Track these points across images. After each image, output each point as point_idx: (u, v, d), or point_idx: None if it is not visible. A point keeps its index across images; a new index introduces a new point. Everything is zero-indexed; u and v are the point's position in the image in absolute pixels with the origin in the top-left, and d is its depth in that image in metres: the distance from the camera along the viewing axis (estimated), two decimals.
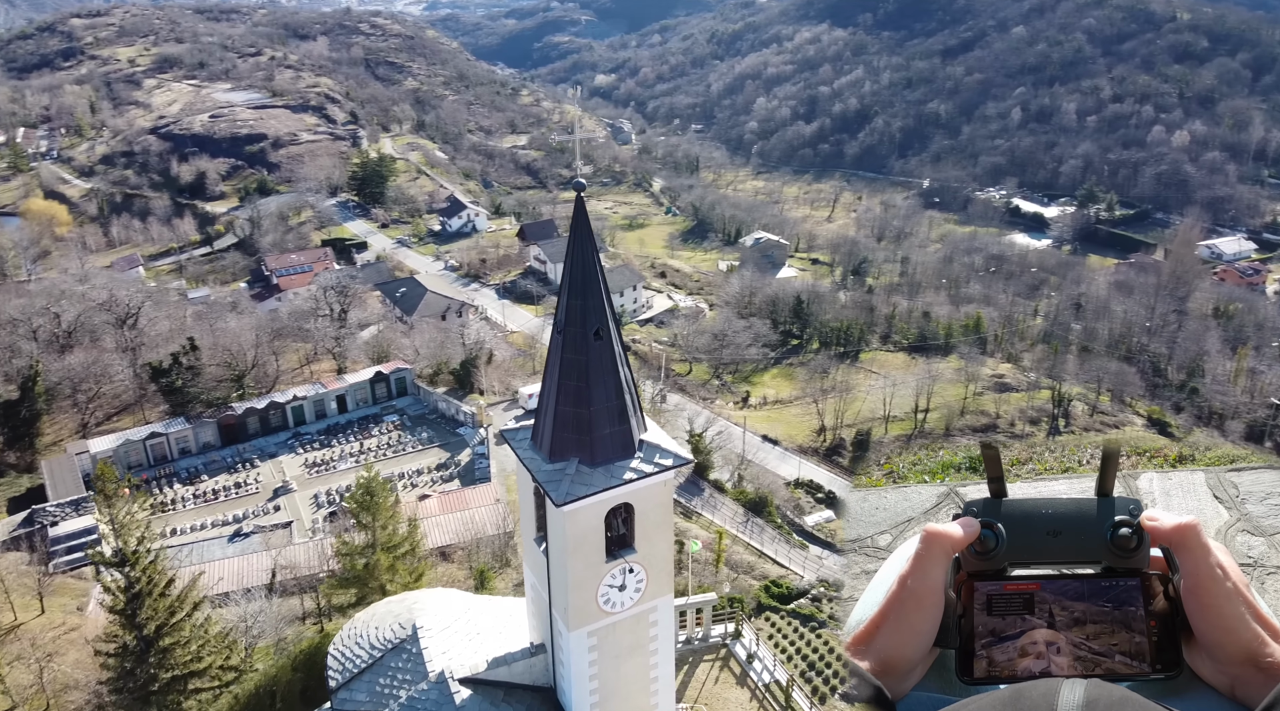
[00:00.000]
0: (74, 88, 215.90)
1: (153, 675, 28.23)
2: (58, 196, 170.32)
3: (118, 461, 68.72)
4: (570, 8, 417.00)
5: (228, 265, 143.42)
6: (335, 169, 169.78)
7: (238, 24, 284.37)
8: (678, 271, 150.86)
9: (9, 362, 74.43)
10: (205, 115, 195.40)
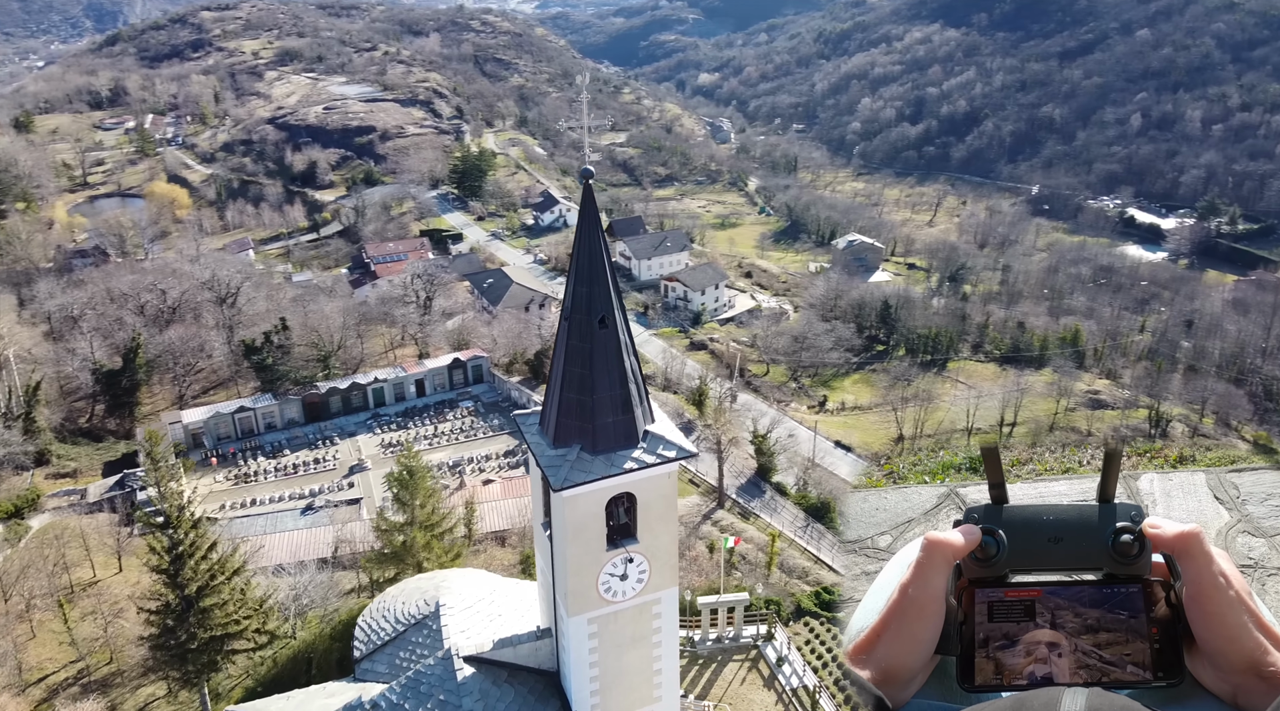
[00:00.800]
0: (200, 77, 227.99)
1: (192, 634, 29.92)
2: (180, 181, 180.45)
3: (207, 433, 72.66)
4: (678, 6, 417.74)
5: (332, 251, 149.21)
6: (438, 162, 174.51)
7: (357, 20, 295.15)
8: (765, 272, 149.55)
9: (114, 334, 79.22)
10: (320, 107, 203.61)
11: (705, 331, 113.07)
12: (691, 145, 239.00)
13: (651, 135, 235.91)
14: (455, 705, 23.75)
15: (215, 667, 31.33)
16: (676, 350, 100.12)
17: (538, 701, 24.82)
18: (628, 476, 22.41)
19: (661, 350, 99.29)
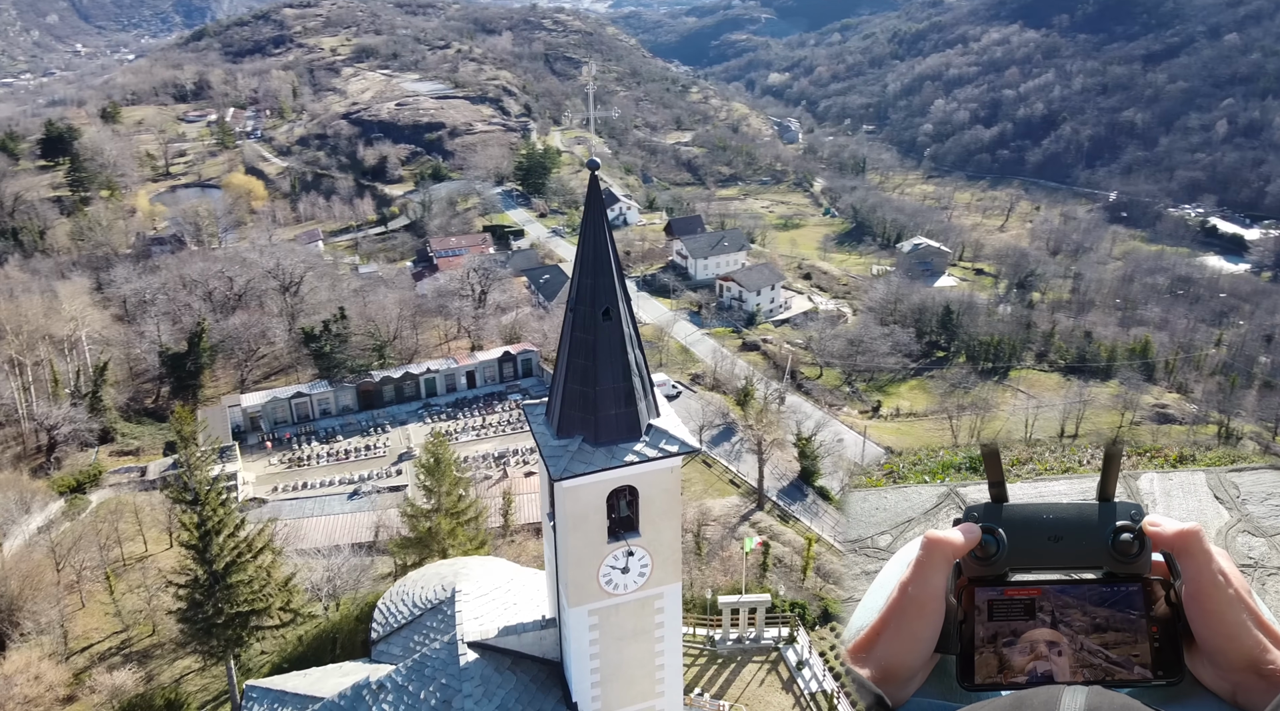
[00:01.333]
0: (280, 73, 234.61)
1: (219, 609, 30.93)
2: (257, 173, 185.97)
3: (265, 417, 74.78)
4: (751, 6, 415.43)
5: (398, 245, 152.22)
6: (504, 159, 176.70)
7: (432, 18, 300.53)
8: (825, 274, 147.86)
9: (182, 319, 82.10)
10: (392, 103, 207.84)
11: (759, 332, 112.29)
12: (758, 145, 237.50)
13: (717, 134, 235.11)
14: (455, 689, 24.10)
15: (240, 643, 32.37)
16: (728, 350, 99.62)
17: (539, 690, 25.04)
18: (629, 469, 22.47)
19: (712, 350, 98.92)
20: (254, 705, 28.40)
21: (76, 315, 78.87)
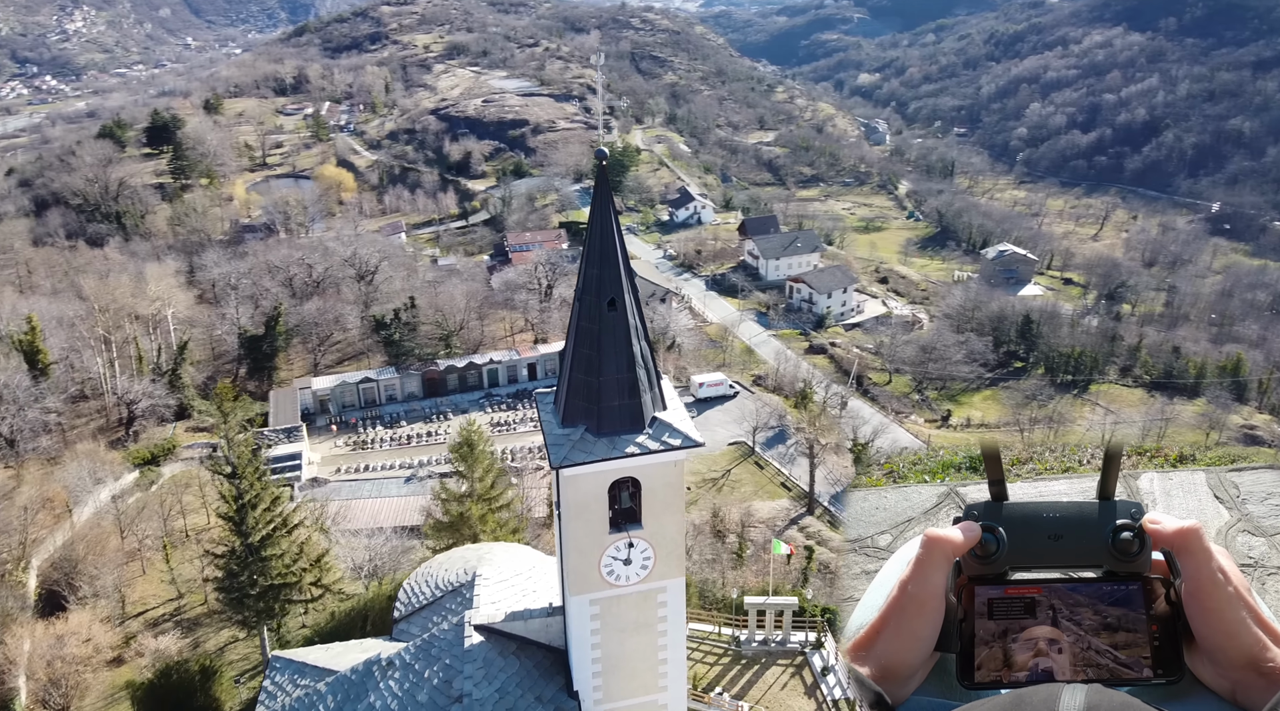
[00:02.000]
0: (374, 69, 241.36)
1: (253, 580, 32.13)
2: (348, 165, 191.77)
3: (333, 400, 77.16)
4: (843, 5, 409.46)
5: (477, 238, 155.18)
6: (583, 156, 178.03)
7: (523, 16, 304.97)
8: (903, 278, 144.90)
9: (262, 303, 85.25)
10: (479, 100, 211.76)
11: (828, 335, 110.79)
12: (842, 146, 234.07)
13: (801, 135, 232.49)
14: (457, 670, 24.51)
15: (272, 614, 33.61)
16: (793, 352, 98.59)
17: (542, 676, 25.26)
18: (630, 461, 22.48)
19: (777, 351, 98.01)
20: (277, 674, 29.43)
21: (162, 296, 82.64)
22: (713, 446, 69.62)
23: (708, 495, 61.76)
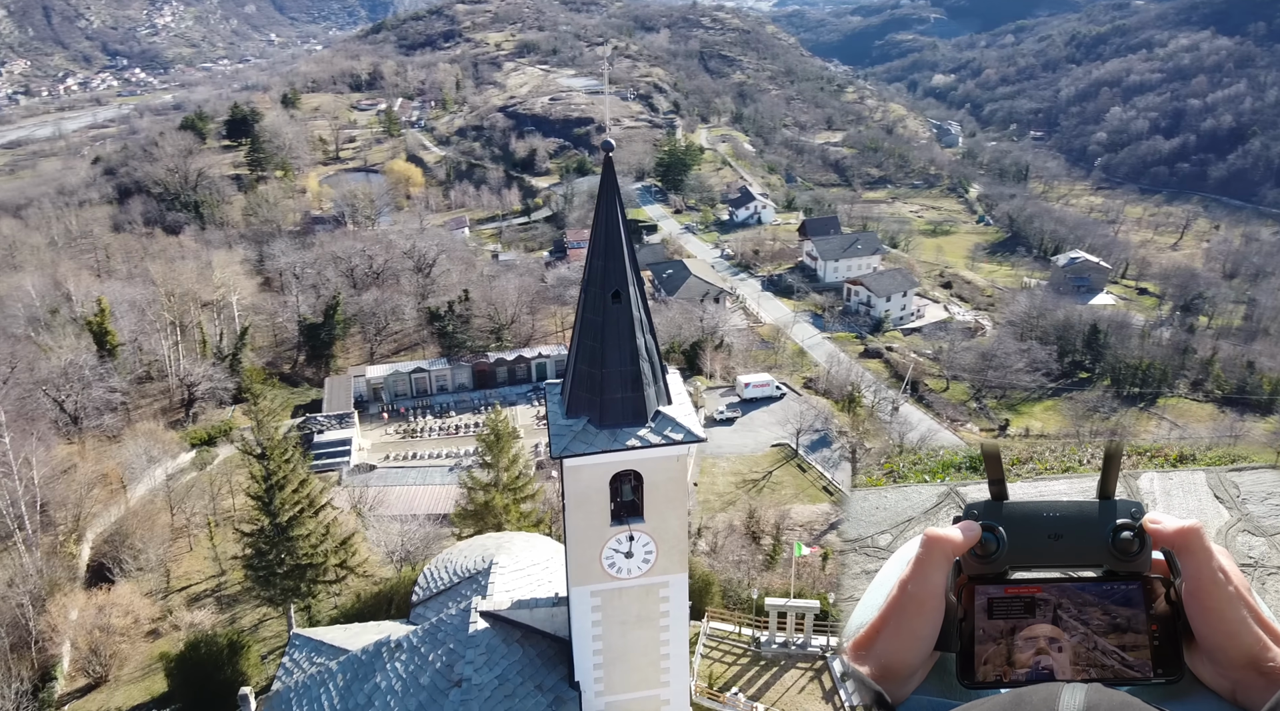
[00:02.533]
0: (446, 66, 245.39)
1: (281, 559, 32.99)
2: (417, 161, 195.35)
3: (386, 389, 78.72)
4: (920, 5, 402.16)
5: (538, 234, 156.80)
6: (646, 155, 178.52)
7: (595, 15, 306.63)
8: (968, 283, 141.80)
9: (321, 292, 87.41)
10: (546, 98, 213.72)
11: (884, 340, 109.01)
12: (913, 147, 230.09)
13: (870, 135, 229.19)
14: (460, 655, 24.81)
15: (298, 593, 34.49)
16: (847, 356, 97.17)
17: (544, 665, 25.42)
18: (630, 454, 22.48)
19: (830, 354, 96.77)
20: (295, 651, 30.18)
21: (227, 282, 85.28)
22: (755, 447, 69.18)
23: (747, 496, 61.37)
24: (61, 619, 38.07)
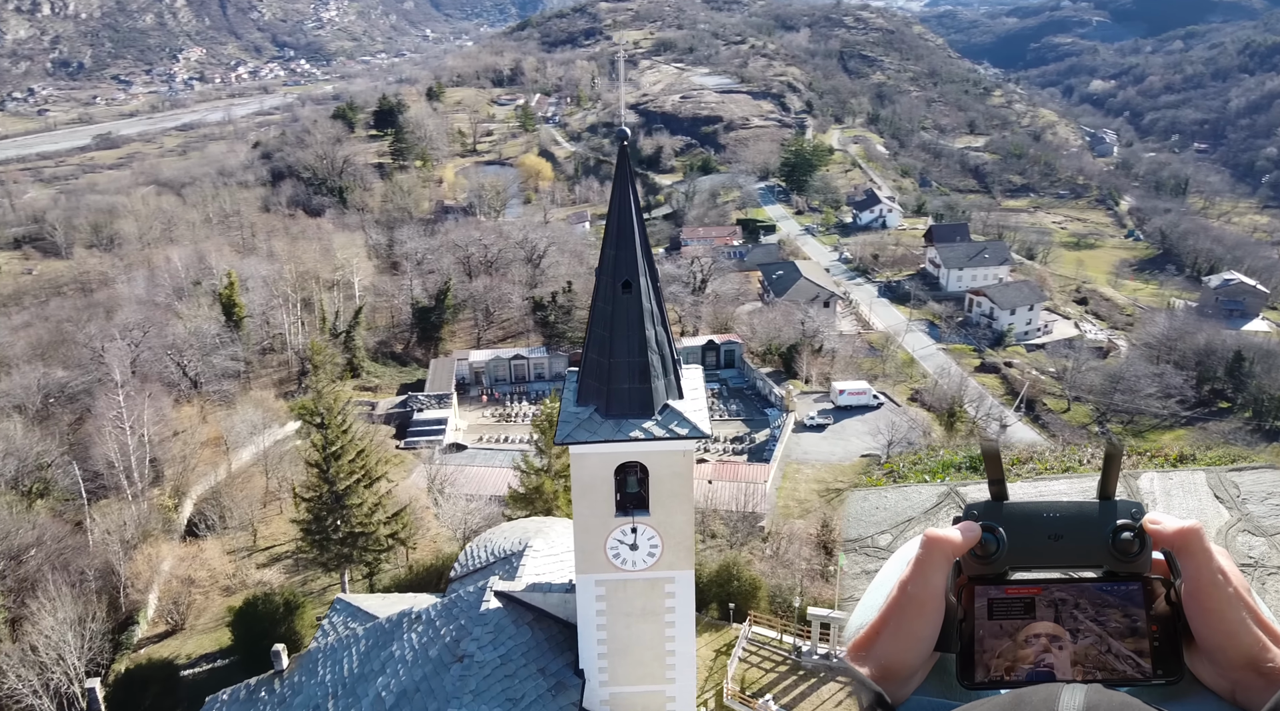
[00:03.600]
0: (584, 63, 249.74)
1: (336, 525, 34.48)
2: (548, 156, 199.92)
3: (487, 373, 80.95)
4: (1082, 7, 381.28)
5: (655, 231, 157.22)
6: (772, 154, 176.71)
7: (735, 13, 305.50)
8: (1106, 300, 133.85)
9: (437, 277, 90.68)
10: (677, 96, 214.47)
11: (1004, 354, 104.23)
12: (1061, 155, 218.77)
13: (1015, 141, 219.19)
14: (468, 631, 25.31)
15: (350, 560, 35.98)
16: (960, 369, 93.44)
17: (551, 650, 25.63)
18: (634, 445, 22.38)
19: (941, 366, 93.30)
20: (335, 615, 31.52)
21: (347, 263, 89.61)
22: (844, 456, 67.48)
23: (828, 505, 59.93)
24: (148, 568, 41.05)
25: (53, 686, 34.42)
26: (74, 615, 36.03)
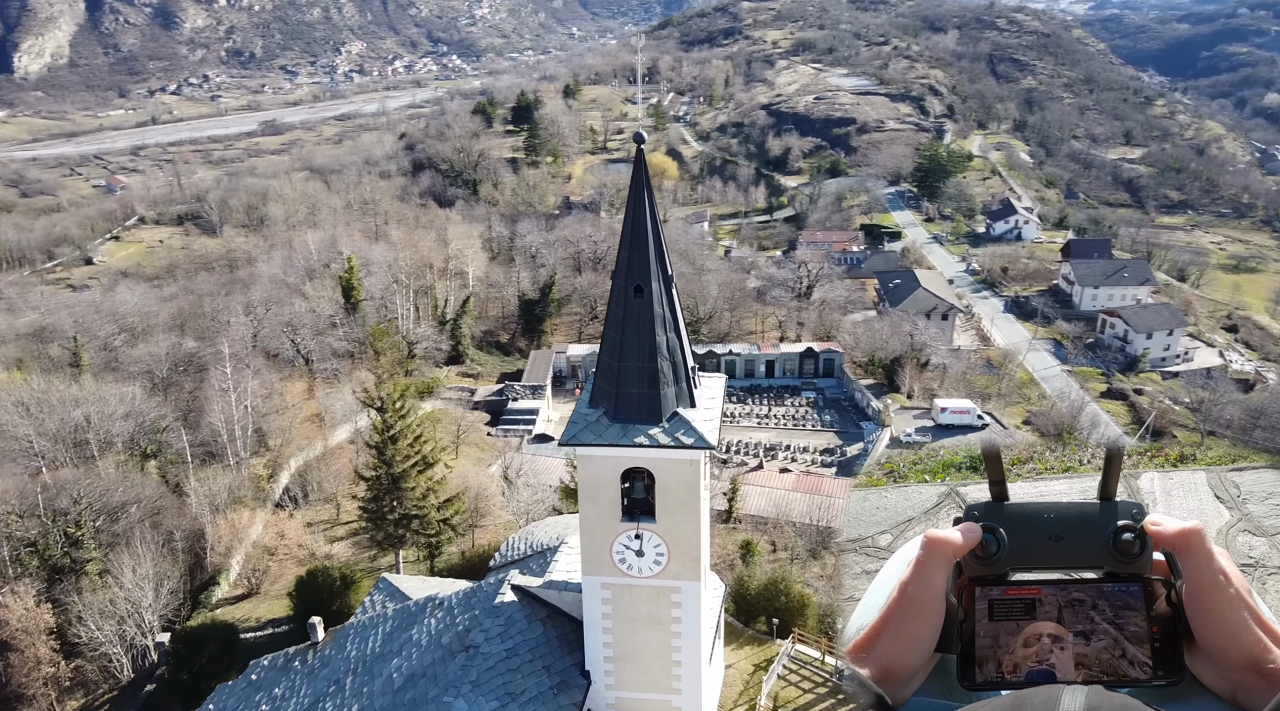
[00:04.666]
0: (719, 63, 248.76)
1: (392, 506, 35.58)
2: (675, 154, 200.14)
3: (583, 367, 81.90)
4: (1261, 16, 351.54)
5: (775, 233, 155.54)
6: (905, 159, 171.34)
7: (881, 14, 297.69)
8: (1260, 329, 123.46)
9: (542, 271, 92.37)
10: (811, 97, 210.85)
11: (1136, 381, 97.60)
12: (1226, 172, 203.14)
13: (1175, 154, 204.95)
14: (479, 622, 25.65)
15: (403, 541, 37.05)
16: (1084, 393, 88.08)
17: (560, 648, 25.69)
18: (641, 451, 22.14)
19: (1062, 389, 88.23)
20: (377, 593, 32.58)
21: (460, 254, 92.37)
22: None
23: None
24: (231, 534, 43.53)
25: (128, 638, 37.03)
26: (154, 572, 38.61)
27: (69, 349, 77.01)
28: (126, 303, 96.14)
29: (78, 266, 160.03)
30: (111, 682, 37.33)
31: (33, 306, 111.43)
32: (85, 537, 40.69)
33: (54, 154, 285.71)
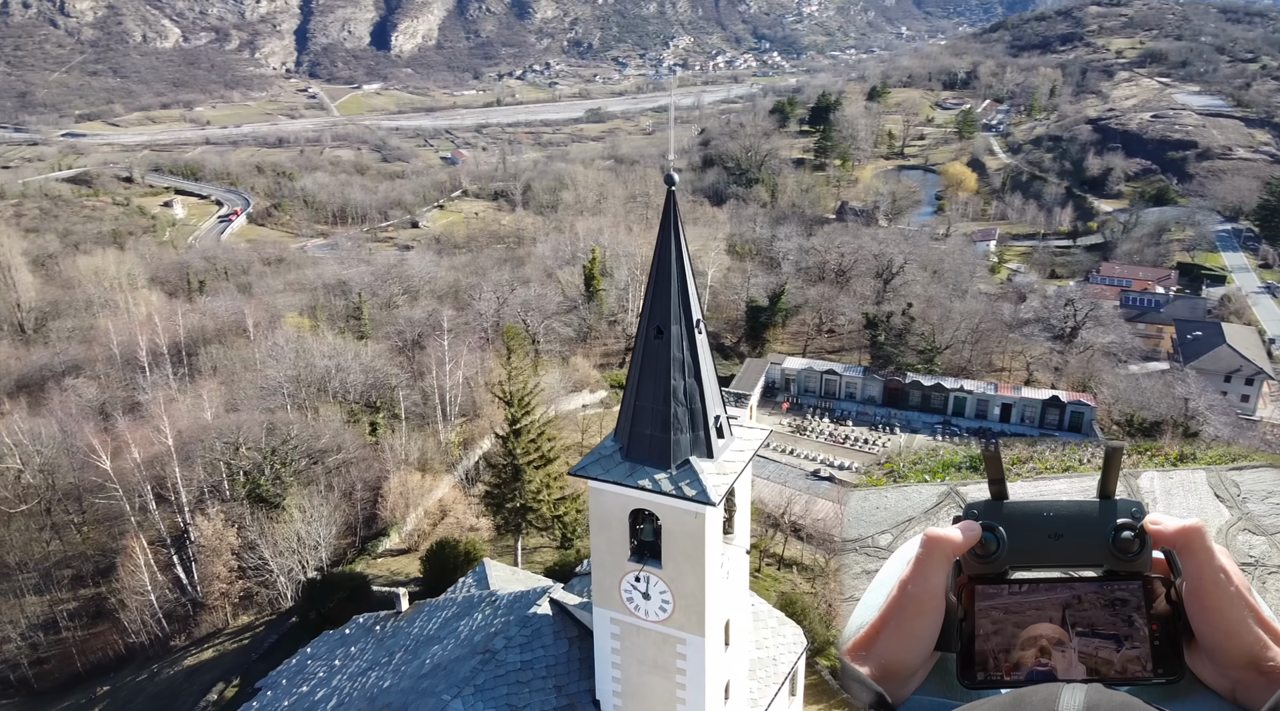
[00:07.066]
0: (1047, 70, 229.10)
1: (512, 495, 37.07)
2: (978, 165, 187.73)
3: (796, 381, 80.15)
4: None
5: (1072, 261, 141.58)
6: (1251, 193, 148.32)
7: (1256, 28, 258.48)
8: None
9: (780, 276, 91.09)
10: (1148, 114, 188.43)
11: None
12: None
13: None
14: (507, 629, 26.23)
15: (517, 529, 38.43)
16: None
17: (579, 670, 25.67)
18: (645, 495, 21.50)
19: None
20: (471, 576, 34.27)
21: (698, 254, 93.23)
22: None
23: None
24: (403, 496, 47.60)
25: (294, 572, 41.92)
26: (331, 515, 43.29)
27: (355, 303, 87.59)
28: (414, 266, 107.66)
29: (405, 229, 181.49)
30: (274, 607, 42.54)
31: (361, 260, 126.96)
32: (287, 475, 46.47)
33: (414, 125, 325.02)
